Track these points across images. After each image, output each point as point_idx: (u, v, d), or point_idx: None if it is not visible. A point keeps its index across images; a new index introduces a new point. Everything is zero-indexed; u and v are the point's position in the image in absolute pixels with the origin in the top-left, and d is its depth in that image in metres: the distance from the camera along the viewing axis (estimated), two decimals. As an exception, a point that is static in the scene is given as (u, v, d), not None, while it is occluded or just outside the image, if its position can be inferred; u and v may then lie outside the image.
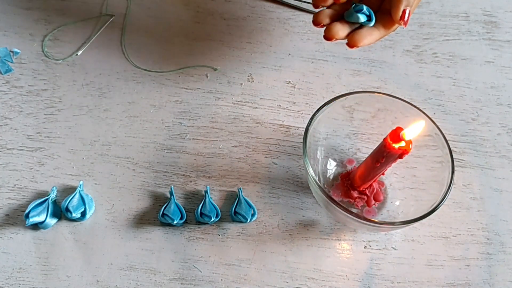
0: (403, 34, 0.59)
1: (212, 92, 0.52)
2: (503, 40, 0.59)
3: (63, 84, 0.51)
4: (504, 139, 0.52)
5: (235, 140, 0.49)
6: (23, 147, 0.47)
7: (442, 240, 0.45)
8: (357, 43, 0.44)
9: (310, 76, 0.54)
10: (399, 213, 0.45)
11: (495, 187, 0.49)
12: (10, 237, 0.43)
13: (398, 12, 0.44)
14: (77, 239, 0.43)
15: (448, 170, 0.42)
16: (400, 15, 0.44)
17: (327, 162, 0.48)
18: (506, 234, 0.46)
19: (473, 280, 0.44)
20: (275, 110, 0.51)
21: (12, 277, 0.41)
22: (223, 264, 0.43)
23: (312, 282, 0.43)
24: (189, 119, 0.50)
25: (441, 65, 0.56)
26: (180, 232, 0.44)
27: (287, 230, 0.45)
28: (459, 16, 0.61)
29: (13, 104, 0.50)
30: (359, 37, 0.44)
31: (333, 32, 0.44)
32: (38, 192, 0.45)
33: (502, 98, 0.55)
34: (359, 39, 0.44)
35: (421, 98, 0.54)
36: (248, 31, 0.57)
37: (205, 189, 0.46)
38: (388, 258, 0.44)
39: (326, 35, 0.44)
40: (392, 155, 0.40)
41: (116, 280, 0.42)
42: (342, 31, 0.44)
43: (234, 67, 0.54)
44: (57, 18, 0.56)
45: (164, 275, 0.42)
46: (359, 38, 0.44)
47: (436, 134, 0.44)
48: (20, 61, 0.52)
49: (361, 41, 0.44)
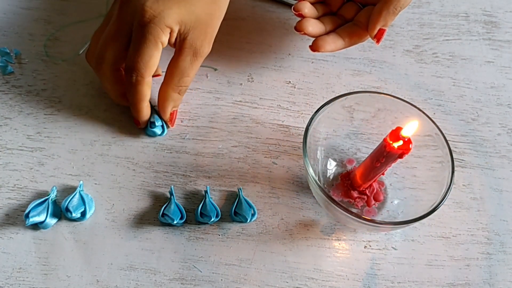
0: (403, 34, 0.59)
1: (212, 92, 0.52)
2: (503, 40, 0.59)
3: (63, 84, 0.51)
4: (504, 139, 0.52)
5: (235, 140, 0.49)
6: (23, 147, 0.47)
7: (442, 240, 0.45)
8: (319, 48, 0.48)
9: (310, 76, 0.54)
10: (399, 213, 0.45)
11: (495, 187, 0.49)
12: (10, 237, 0.43)
13: (374, 31, 0.48)
14: (77, 239, 0.43)
15: (448, 170, 0.42)
16: (375, 33, 0.47)
17: (327, 162, 0.48)
18: (506, 234, 0.46)
19: (473, 280, 0.44)
20: (275, 110, 0.51)
21: (12, 277, 0.41)
22: (223, 264, 0.43)
23: (312, 282, 0.43)
24: (189, 119, 0.50)
25: (441, 65, 0.56)
26: (180, 232, 0.44)
27: (287, 230, 0.45)
28: (459, 16, 0.61)
29: (13, 104, 0.50)
30: (322, 43, 0.47)
31: (303, 26, 0.47)
32: (38, 192, 0.45)
33: (502, 98, 0.55)
34: (322, 45, 0.48)
35: (421, 98, 0.54)
36: (248, 31, 0.57)
37: (205, 189, 0.46)
38: (388, 258, 0.44)
39: (296, 27, 0.47)
40: (392, 155, 0.40)
41: (116, 280, 0.42)
42: (312, 27, 0.47)
43: (234, 67, 0.54)
44: (57, 18, 0.56)
45: (164, 275, 0.42)
46: (322, 44, 0.47)
47: (436, 134, 0.44)
48: (20, 61, 0.52)
49: (323, 47, 0.48)
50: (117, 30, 0.43)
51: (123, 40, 0.44)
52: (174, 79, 0.45)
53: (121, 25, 0.43)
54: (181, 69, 0.44)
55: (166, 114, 0.47)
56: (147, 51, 0.42)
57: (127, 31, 0.43)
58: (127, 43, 0.44)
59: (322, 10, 0.50)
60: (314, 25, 0.48)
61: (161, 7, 0.42)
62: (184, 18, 0.42)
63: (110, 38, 0.44)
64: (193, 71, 0.45)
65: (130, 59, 0.43)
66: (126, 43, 0.44)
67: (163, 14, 0.41)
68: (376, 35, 0.47)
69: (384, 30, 0.47)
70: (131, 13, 0.42)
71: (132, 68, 0.43)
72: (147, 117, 0.47)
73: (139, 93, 0.44)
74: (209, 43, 0.45)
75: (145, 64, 0.43)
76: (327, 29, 0.49)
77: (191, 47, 0.44)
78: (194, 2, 0.43)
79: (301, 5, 0.48)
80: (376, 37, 0.47)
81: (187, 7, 0.43)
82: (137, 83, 0.44)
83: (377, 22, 0.46)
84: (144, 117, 0.47)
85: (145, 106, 0.46)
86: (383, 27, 0.47)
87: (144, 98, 0.45)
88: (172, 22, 0.42)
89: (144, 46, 0.42)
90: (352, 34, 0.48)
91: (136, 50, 0.42)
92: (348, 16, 0.50)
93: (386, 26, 0.47)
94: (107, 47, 0.44)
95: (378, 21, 0.46)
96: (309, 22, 0.47)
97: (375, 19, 0.47)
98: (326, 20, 0.49)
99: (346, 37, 0.48)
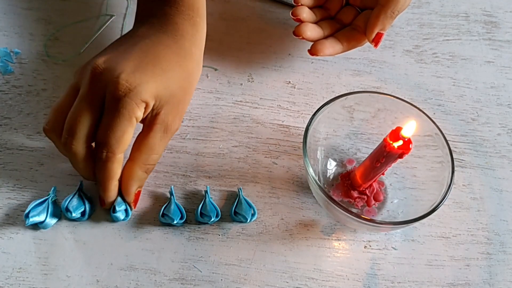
0: (403, 34, 0.59)
1: (212, 92, 0.52)
2: (503, 40, 0.59)
3: (63, 84, 0.51)
4: (504, 139, 0.52)
5: (235, 140, 0.49)
6: (23, 147, 0.47)
7: (442, 240, 0.45)
8: (318, 52, 0.48)
9: (310, 76, 0.54)
10: (399, 213, 0.45)
11: (495, 187, 0.49)
12: (10, 237, 0.43)
13: (372, 34, 0.48)
14: (77, 239, 0.43)
15: (448, 170, 0.42)
16: (373, 37, 0.47)
17: (327, 162, 0.48)
18: (506, 234, 0.46)
19: (473, 280, 0.44)
20: (275, 110, 0.51)
21: (12, 277, 0.41)
22: (223, 264, 0.43)
23: (312, 282, 0.43)
24: (189, 119, 0.50)
25: (441, 65, 0.56)
26: (180, 232, 0.44)
27: (287, 230, 0.45)
28: (459, 16, 0.61)
29: (13, 104, 0.50)
30: (321, 47, 0.47)
31: (302, 31, 0.47)
32: (38, 192, 0.45)
33: (502, 98, 0.55)
34: (321, 49, 0.48)
35: (421, 98, 0.54)
36: (248, 31, 0.57)
37: (205, 189, 0.46)
38: (388, 258, 0.44)
39: (295, 32, 0.47)
40: (392, 155, 0.40)
41: (116, 280, 0.42)
42: (311, 32, 0.48)
43: (234, 67, 0.54)
44: (57, 18, 0.56)
45: (164, 275, 0.42)
46: (321, 48, 0.48)
47: (436, 134, 0.44)
48: (20, 61, 0.52)
49: (321, 51, 0.48)
50: (89, 103, 0.39)
51: (96, 113, 0.40)
52: (142, 156, 0.42)
53: (93, 97, 0.39)
54: (151, 145, 0.41)
55: (130, 194, 0.43)
56: (120, 126, 0.39)
57: (100, 103, 0.40)
58: (100, 117, 0.40)
59: (321, 14, 0.50)
60: (313, 29, 0.48)
61: (137, 80, 0.39)
62: (160, 93, 0.40)
63: (81, 111, 0.39)
64: (162, 148, 0.42)
65: (102, 134, 0.40)
66: (99, 117, 0.40)
67: (139, 88, 0.39)
68: (374, 39, 0.47)
69: (382, 34, 0.47)
70: (104, 85, 0.39)
71: (103, 144, 0.40)
72: (113, 197, 0.43)
73: (108, 171, 0.41)
74: (179, 119, 0.43)
75: (118, 140, 0.39)
76: (325, 33, 0.49)
77: (163, 123, 0.41)
78: (170, 76, 0.41)
79: (299, 10, 0.48)
80: (374, 41, 0.47)
81: (163, 81, 0.40)
82: (107, 160, 0.40)
83: (375, 26, 0.47)
84: (111, 197, 0.42)
85: (114, 185, 0.42)
86: (381, 31, 0.47)
87: (113, 177, 0.41)
88: (149, 97, 0.39)
89: (118, 121, 0.39)
90: (351, 38, 0.48)
91: (109, 125, 0.39)
92: (346, 21, 0.50)
93: (384, 30, 0.47)
94: (79, 121, 0.39)
95: (376, 25, 0.47)
96: (308, 27, 0.47)
97: (373, 23, 0.47)
98: (324, 24, 0.49)
99: (344, 41, 0.48)
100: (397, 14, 0.47)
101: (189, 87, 0.44)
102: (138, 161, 0.42)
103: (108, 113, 0.39)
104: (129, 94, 0.39)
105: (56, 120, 0.41)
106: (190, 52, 0.44)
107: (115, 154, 0.40)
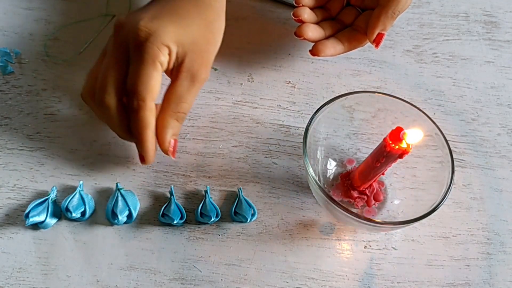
0: (403, 34, 0.59)
1: (212, 92, 0.52)
2: (503, 40, 0.59)
3: (63, 84, 0.51)
4: (504, 139, 0.52)
5: (235, 140, 0.49)
6: (23, 147, 0.47)
7: (442, 240, 0.45)
8: (319, 53, 0.48)
9: (310, 76, 0.54)
10: (399, 213, 0.45)
11: (495, 187, 0.49)
12: (10, 237, 0.43)
13: (373, 35, 0.48)
14: (77, 239, 0.43)
15: (448, 170, 0.42)
16: (374, 37, 0.47)
17: (327, 162, 0.48)
18: (506, 234, 0.46)
19: (473, 280, 0.44)
20: (275, 110, 0.51)
21: (12, 277, 0.41)
22: (223, 264, 0.43)
23: (312, 282, 0.43)
24: (189, 119, 0.50)
25: (441, 65, 0.56)
26: (180, 232, 0.44)
27: (287, 230, 0.45)
28: (459, 16, 0.61)
29: (13, 104, 0.50)
30: (322, 48, 0.48)
31: (303, 32, 0.47)
32: (38, 192, 0.45)
33: (502, 98, 0.55)
34: (322, 50, 0.48)
35: (421, 98, 0.54)
36: (248, 31, 0.57)
37: (205, 189, 0.46)
38: (388, 258, 0.44)
39: (296, 33, 0.48)
40: (392, 155, 0.40)
41: (116, 280, 0.42)
42: (312, 32, 0.48)
43: (234, 67, 0.54)
44: (57, 18, 0.56)
45: (164, 275, 0.42)
46: (322, 49, 0.48)
47: (436, 134, 0.44)
48: (20, 61, 0.52)
49: (323, 52, 0.48)
50: (115, 57, 0.41)
51: (123, 66, 0.41)
52: (171, 105, 0.42)
53: (119, 51, 0.41)
54: (178, 94, 0.42)
55: (164, 142, 0.43)
56: (145, 71, 0.40)
57: (126, 56, 0.41)
58: (128, 69, 0.41)
59: (322, 15, 0.50)
60: (314, 30, 0.48)
61: (155, 25, 0.40)
62: (180, 38, 0.41)
63: (110, 67, 0.41)
64: (191, 97, 0.43)
65: (130, 83, 0.40)
66: (127, 69, 0.41)
67: (159, 31, 0.40)
68: (375, 39, 0.47)
69: (383, 34, 0.47)
70: (126, 36, 0.40)
71: (132, 93, 0.40)
72: (152, 150, 0.42)
73: (141, 120, 0.41)
74: (205, 68, 0.43)
75: (145, 85, 0.40)
76: (326, 34, 0.49)
77: (189, 71, 0.42)
78: (189, 24, 0.42)
79: (300, 11, 0.48)
80: (375, 41, 0.48)
81: (182, 27, 0.41)
82: (139, 108, 0.40)
83: (376, 26, 0.47)
84: (149, 149, 0.42)
85: (149, 136, 0.41)
86: (382, 31, 0.47)
87: (147, 126, 0.41)
88: (169, 41, 0.40)
89: (142, 67, 0.40)
90: (352, 39, 0.48)
91: (135, 72, 0.40)
92: (347, 21, 0.50)
93: (385, 30, 0.47)
94: (108, 77, 0.41)
95: (376, 26, 0.47)
96: (309, 27, 0.48)
97: (374, 23, 0.47)
98: (325, 25, 0.49)
99: (345, 42, 0.48)
100: (398, 14, 0.47)
101: (211, 37, 0.44)
102: (168, 109, 0.42)
103: (133, 62, 0.40)
104: (150, 38, 0.40)
105: (90, 84, 0.43)
106: (209, 3, 0.44)
107: (145, 101, 0.40)
